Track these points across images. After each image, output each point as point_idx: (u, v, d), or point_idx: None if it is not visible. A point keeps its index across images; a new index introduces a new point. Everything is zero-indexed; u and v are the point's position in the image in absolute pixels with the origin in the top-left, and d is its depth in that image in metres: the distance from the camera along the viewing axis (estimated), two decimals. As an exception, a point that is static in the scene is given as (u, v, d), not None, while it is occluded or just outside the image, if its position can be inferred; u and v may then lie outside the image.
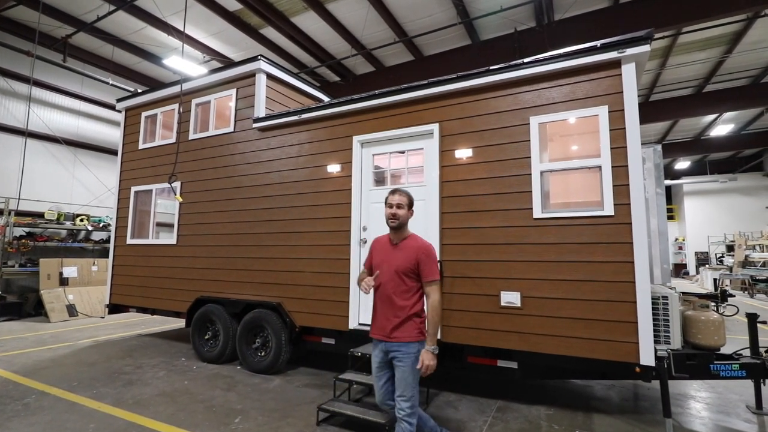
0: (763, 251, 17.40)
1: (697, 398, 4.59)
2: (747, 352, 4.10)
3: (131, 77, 12.26)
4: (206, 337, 5.85)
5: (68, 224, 10.36)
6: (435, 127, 4.56)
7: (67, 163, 11.13)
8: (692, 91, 14.65)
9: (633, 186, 3.61)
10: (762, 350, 4.04)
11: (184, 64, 10.56)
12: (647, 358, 3.45)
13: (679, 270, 24.38)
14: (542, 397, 4.50)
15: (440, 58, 11.51)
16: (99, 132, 11.98)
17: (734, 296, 5.86)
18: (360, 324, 4.85)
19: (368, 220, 4.99)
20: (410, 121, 4.74)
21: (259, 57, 5.90)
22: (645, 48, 3.62)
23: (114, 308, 7.27)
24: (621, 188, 3.66)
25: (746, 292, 15.26)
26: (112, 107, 12.07)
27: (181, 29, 10.16)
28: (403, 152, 5.05)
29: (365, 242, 4.97)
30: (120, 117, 8.00)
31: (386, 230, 4.84)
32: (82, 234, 11.03)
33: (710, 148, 20.39)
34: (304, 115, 5.39)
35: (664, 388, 3.58)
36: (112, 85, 10.65)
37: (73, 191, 11.21)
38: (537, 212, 3.95)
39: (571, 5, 9.49)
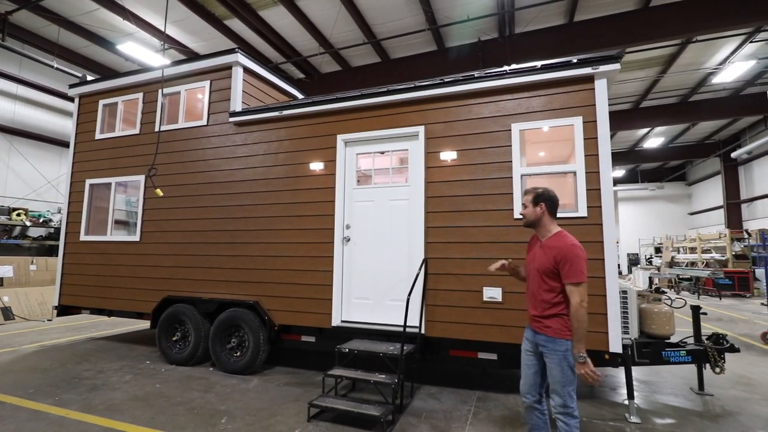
0: (687, 253, 19.37)
1: (648, 382, 5.08)
2: (690, 341, 4.63)
3: (76, 61, 11.34)
4: (174, 338, 5.60)
5: (3, 219, 9.40)
6: (421, 130, 4.72)
7: (0, 152, 10.10)
8: (630, 105, 16.05)
9: (603, 190, 3.97)
10: (704, 338, 4.58)
11: (140, 51, 9.98)
12: (616, 345, 3.81)
13: (614, 270, 26.43)
14: (515, 387, 4.77)
15: (406, 62, 11.76)
16: (39, 119, 10.97)
17: (666, 293, 6.57)
18: (343, 321, 4.89)
19: (352, 219, 5.04)
20: (396, 123, 4.86)
21: (236, 49, 5.75)
22: (616, 66, 4.00)
23: (63, 310, 6.72)
24: (593, 192, 4.01)
25: (672, 290, 16.91)
26: (55, 93, 11.13)
27: (138, 14, 9.61)
28: (383, 153, 5.17)
29: (348, 240, 5.02)
30: (69, 104, 7.42)
31: (369, 228, 4.97)
32: (18, 230, 10.06)
33: (642, 158, 22.41)
34: (286, 112, 5.33)
35: (628, 372, 3.97)
36: (57, 68, 9.80)
37: (7, 183, 10.19)
38: (517, 213, 4.21)
39: (531, 20, 10.09)
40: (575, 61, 4.12)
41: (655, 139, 20.32)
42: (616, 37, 9.71)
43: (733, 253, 16.25)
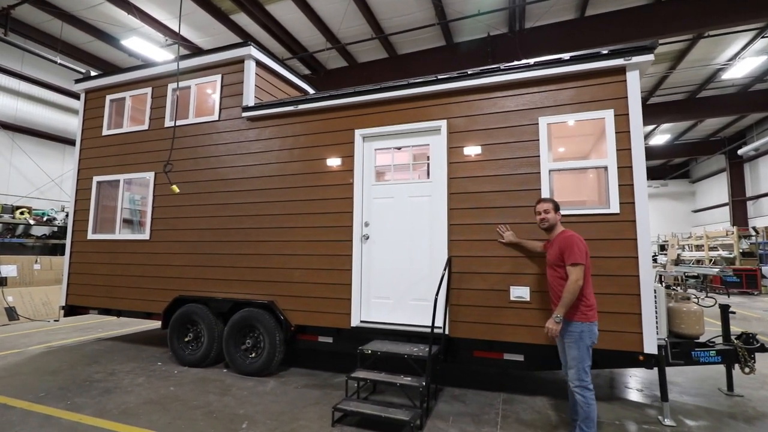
0: (692, 250, 19.27)
1: (673, 383, 4.95)
2: (719, 340, 4.50)
3: (80, 57, 11.16)
4: (187, 339, 5.46)
5: (6, 217, 9.24)
6: (443, 124, 4.57)
7: (3, 149, 9.92)
8: (638, 102, 15.87)
9: (637, 186, 3.83)
10: (732, 338, 4.45)
11: (145, 47, 9.82)
12: (651, 347, 3.68)
13: (618, 268, 26.37)
14: (539, 388, 4.66)
15: (414, 57, 11.60)
16: (42, 116, 10.80)
17: (676, 290, 6.42)
18: (362, 321, 4.75)
19: (370, 216, 4.90)
20: (417, 117, 4.71)
21: (249, 42, 5.60)
22: (649, 57, 3.86)
23: (70, 310, 6.57)
24: (626, 188, 3.87)
25: (679, 288, 16.81)
26: (58, 89, 10.95)
27: (143, 9, 9.44)
28: (403, 148, 5.02)
29: (367, 238, 4.88)
30: (73, 101, 7.26)
31: (389, 226, 4.83)
32: (21, 228, 9.90)
33: (647, 155, 22.20)
34: (302, 106, 5.18)
35: (662, 374, 3.83)
36: (60, 64, 9.62)
37: (10, 181, 10.02)
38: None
39: (542, 15, 9.94)
40: (606, 51, 3.97)
41: (660, 136, 20.22)
42: (628, 32, 9.56)
43: (741, 250, 16.14)
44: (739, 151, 18.30)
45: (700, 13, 9.22)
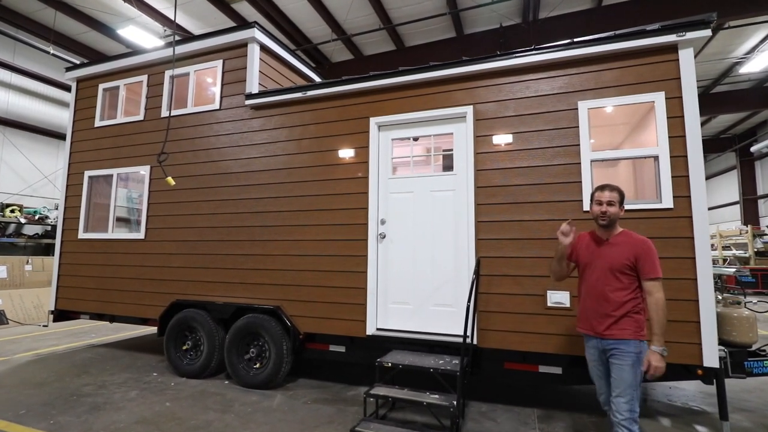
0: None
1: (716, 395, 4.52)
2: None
3: (74, 49, 10.69)
4: (185, 347, 5.02)
5: (-5, 215, 8.81)
6: (468, 110, 4.13)
7: (-8, 145, 9.49)
8: (650, 98, 15.44)
9: (693, 177, 3.40)
10: (786, 346, 4.01)
11: (143, 37, 9.37)
12: (711, 359, 3.25)
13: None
14: (576, 402, 4.22)
15: (423, 49, 11.15)
16: (35, 110, 10.34)
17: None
18: (378, 329, 4.31)
19: (387, 213, 4.46)
20: (438, 103, 4.27)
21: (253, 24, 5.15)
22: (705, 32, 3.44)
23: (61, 315, 6.13)
24: (680, 179, 3.43)
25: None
26: (52, 82, 10.49)
27: (140, -3, 9.00)
28: (422, 138, 4.59)
29: (383, 237, 4.43)
30: (65, 91, 6.80)
31: (408, 223, 4.39)
32: (12, 228, 9.44)
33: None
34: (311, 92, 4.74)
35: (722, 389, 3.39)
36: (53, 55, 9.17)
37: (0, 178, 9.57)
38: (588, 204, 3.63)
39: (557, 4, 9.49)
40: (657, 27, 3.54)
41: (670, 134, 19.75)
42: (646, 22, 9.11)
43: (756, 249, 15.70)
44: (752, 149, 17.86)
45: (723, 2, 8.79)
